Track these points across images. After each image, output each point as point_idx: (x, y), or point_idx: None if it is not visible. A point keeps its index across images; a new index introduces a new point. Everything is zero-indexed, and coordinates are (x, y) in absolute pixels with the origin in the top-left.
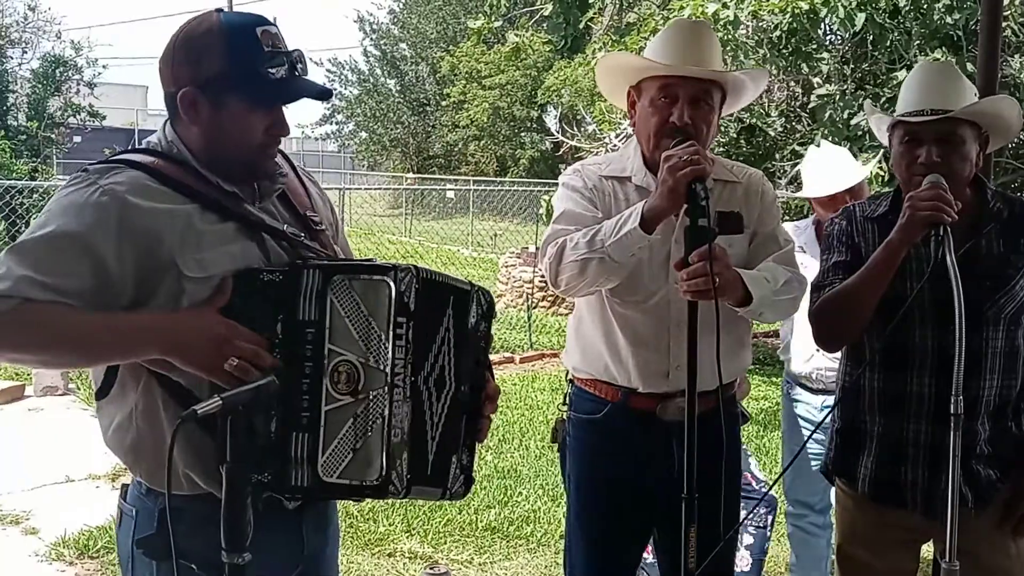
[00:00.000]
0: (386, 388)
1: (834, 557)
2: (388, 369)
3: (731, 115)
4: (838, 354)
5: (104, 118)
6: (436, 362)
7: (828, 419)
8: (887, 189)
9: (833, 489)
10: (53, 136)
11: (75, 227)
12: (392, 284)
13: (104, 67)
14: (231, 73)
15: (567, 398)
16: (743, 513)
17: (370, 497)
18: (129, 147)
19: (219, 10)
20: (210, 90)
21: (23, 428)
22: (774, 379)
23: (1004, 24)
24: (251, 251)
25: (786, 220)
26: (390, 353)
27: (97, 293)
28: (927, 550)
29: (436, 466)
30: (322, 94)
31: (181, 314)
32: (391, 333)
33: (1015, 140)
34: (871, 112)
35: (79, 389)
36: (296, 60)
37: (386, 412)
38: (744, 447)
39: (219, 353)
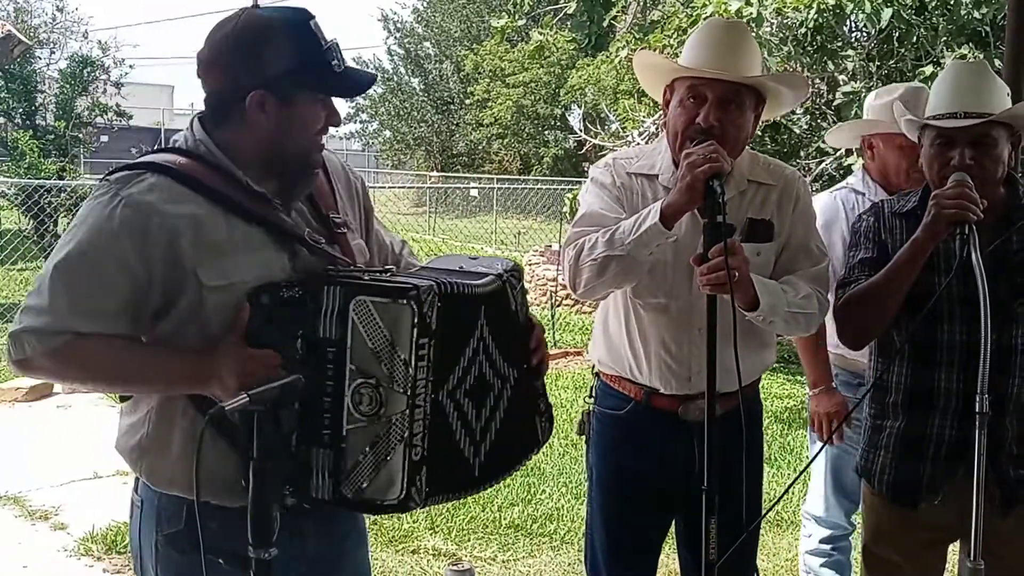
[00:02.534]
0: (407, 411)
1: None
2: (410, 392)
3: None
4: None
5: (131, 118)
6: (467, 375)
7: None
8: None
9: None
10: (81, 136)
11: (105, 244)
12: (415, 308)
13: (131, 67)
14: (302, 68)
15: (592, 390)
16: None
17: (390, 513)
18: (155, 147)
19: (256, 5)
20: (280, 87)
21: (51, 424)
22: (799, 377)
23: None
24: (272, 257)
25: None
26: (413, 377)
27: (134, 304)
28: (953, 550)
29: (487, 467)
30: (372, 80)
31: (219, 356)
32: (414, 356)
33: None
34: (901, 114)
35: None
36: (339, 51)
37: (406, 434)
38: None
39: (244, 386)
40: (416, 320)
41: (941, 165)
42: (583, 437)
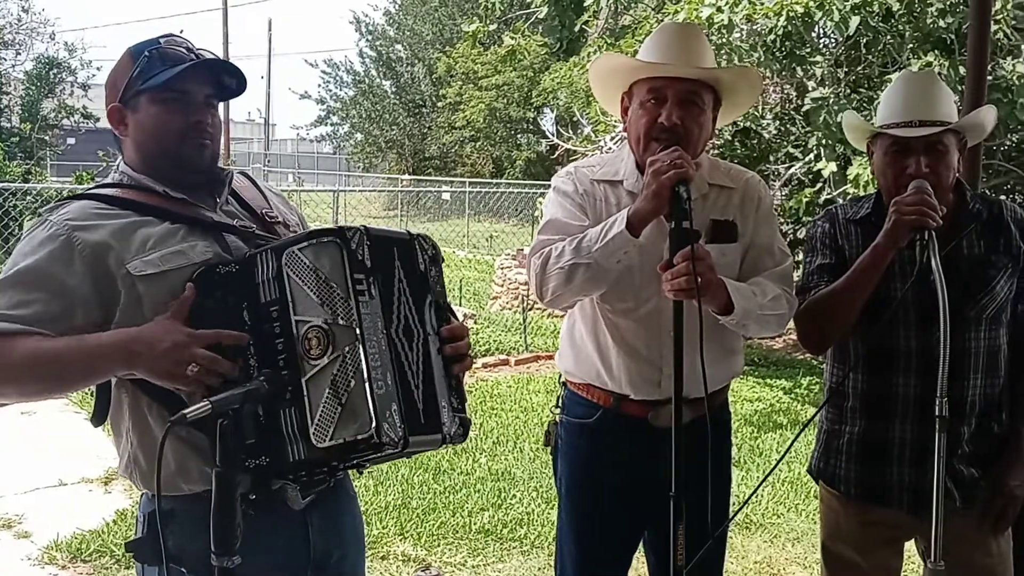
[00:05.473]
0: (358, 342)
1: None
2: (357, 325)
3: None
4: None
5: (98, 120)
6: (400, 312)
7: (814, 420)
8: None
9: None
10: (47, 138)
11: (33, 261)
12: (341, 242)
13: (98, 69)
14: (136, 77)
15: (559, 400)
16: None
17: (370, 453)
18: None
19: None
20: (126, 99)
21: (16, 431)
22: (767, 380)
23: (996, 27)
24: (200, 246)
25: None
26: (355, 309)
27: (64, 315)
28: (910, 546)
29: (427, 412)
30: (202, 66)
31: (143, 327)
32: (352, 289)
33: (1008, 143)
34: (853, 121)
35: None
36: (198, 51)
37: (362, 365)
38: None
39: (177, 361)
40: (346, 254)
41: (897, 173)
42: (549, 448)
